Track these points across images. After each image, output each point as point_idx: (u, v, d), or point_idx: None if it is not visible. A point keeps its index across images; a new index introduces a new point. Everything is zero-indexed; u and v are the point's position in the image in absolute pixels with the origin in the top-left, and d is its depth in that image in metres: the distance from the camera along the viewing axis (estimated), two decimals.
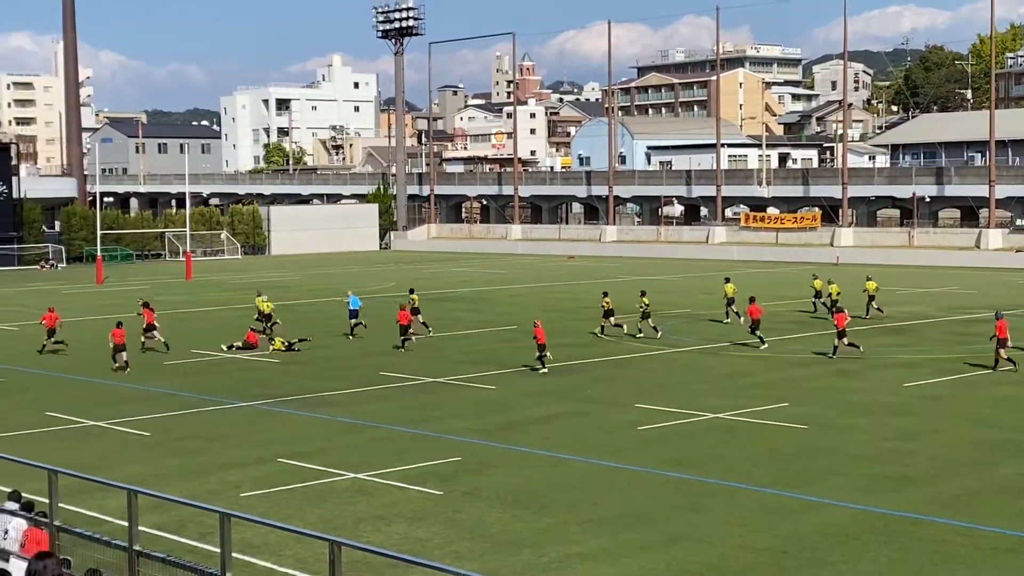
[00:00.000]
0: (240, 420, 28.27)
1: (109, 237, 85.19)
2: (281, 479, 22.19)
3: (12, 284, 69.19)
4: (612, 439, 25.50)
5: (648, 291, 43.88)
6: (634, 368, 35.54)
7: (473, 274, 74.21)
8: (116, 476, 19.78)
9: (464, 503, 20.43)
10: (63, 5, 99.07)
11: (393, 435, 26.19)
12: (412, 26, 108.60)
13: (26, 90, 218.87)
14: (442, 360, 37.02)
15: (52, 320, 39.96)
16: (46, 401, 30.70)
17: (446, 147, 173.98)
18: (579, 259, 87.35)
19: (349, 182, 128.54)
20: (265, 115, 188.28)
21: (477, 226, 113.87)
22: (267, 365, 36.93)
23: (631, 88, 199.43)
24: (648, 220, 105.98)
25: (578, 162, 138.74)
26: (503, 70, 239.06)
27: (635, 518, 19.47)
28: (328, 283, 65.87)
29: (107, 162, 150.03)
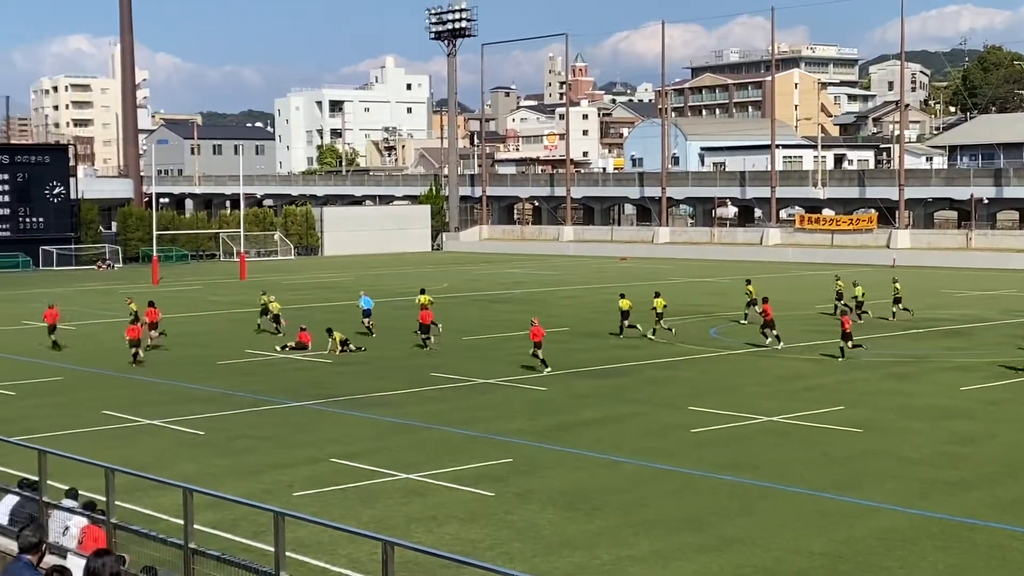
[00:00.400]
0: (293, 420, 28.40)
1: (164, 238, 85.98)
2: (333, 479, 22.26)
3: (70, 284, 69.98)
4: (664, 441, 25.37)
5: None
6: (686, 370, 35.36)
7: (525, 275, 74.19)
8: (170, 474, 19.91)
9: (516, 504, 20.39)
10: (120, 8, 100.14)
11: (445, 436, 26.20)
12: (465, 27, 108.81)
13: (84, 92, 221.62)
14: (493, 361, 37.01)
15: (53, 317, 41.49)
16: (102, 400, 31.00)
17: (498, 148, 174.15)
18: (631, 261, 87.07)
19: (401, 183, 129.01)
20: (318, 117, 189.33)
21: (529, 227, 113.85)
22: (319, 365, 37.09)
23: (685, 89, 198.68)
24: (701, 222, 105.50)
25: (630, 163, 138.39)
26: (556, 71, 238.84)
27: (688, 521, 19.35)
28: (380, 284, 66.07)
29: (163, 163, 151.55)
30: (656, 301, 42.57)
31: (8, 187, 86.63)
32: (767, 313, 39.61)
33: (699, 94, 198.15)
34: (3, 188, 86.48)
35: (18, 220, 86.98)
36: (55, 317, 41.67)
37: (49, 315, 41.71)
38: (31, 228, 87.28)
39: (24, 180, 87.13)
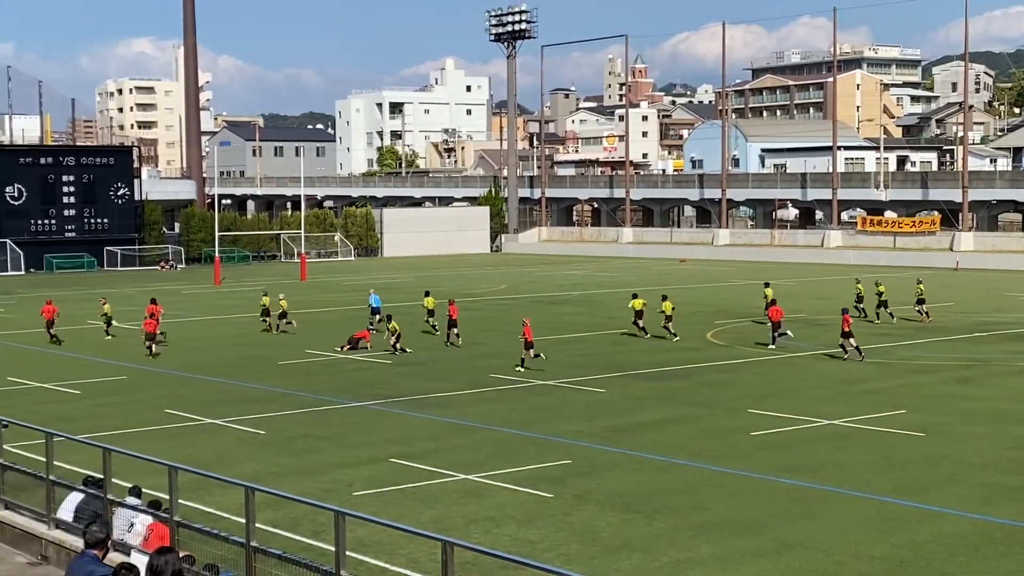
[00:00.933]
0: (353, 420, 28.58)
1: (227, 238, 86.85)
2: (393, 479, 22.37)
3: (133, 284, 70.83)
4: (724, 444, 25.25)
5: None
6: (746, 373, 35.16)
7: (584, 277, 74.12)
8: (232, 473, 20.11)
9: (574, 506, 20.39)
10: (184, 11, 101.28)
11: (503, 437, 26.24)
12: (524, 29, 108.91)
13: (148, 94, 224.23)
14: (552, 363, 36.98)
15: (51, 312, 43.28)
16: (165, 399, 31.36)
17: (557, 150, 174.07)
18: (691, 263, 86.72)
19: (461, 185, 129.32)
20: (378, 118, 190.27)
21: (588, 229, 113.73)
22: (379, 366, 37.29)
23: (745, 90, 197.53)
24: (762, 224, 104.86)
25: (690, 165, 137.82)
26: (615, 73, 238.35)
27: (747, 524, 19.25)
28: (440, 285, 66.27)
29: (225, 165, 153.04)
30: (664, 304, 42.72)
31: (74, 188, 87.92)
32: (775, 315, 40.42)
33: (760, 95, 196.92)
34: (69, 189, 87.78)
35: (83, 221, 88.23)
36: (53, 312, 43.47)
37: (47, 311, 43.59)
38: (96, 229, 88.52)
39: (89, 181, 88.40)
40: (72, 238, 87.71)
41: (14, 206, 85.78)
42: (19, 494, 17.72)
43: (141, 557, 12.58)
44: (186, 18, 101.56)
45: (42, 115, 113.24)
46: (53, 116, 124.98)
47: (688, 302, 54.81)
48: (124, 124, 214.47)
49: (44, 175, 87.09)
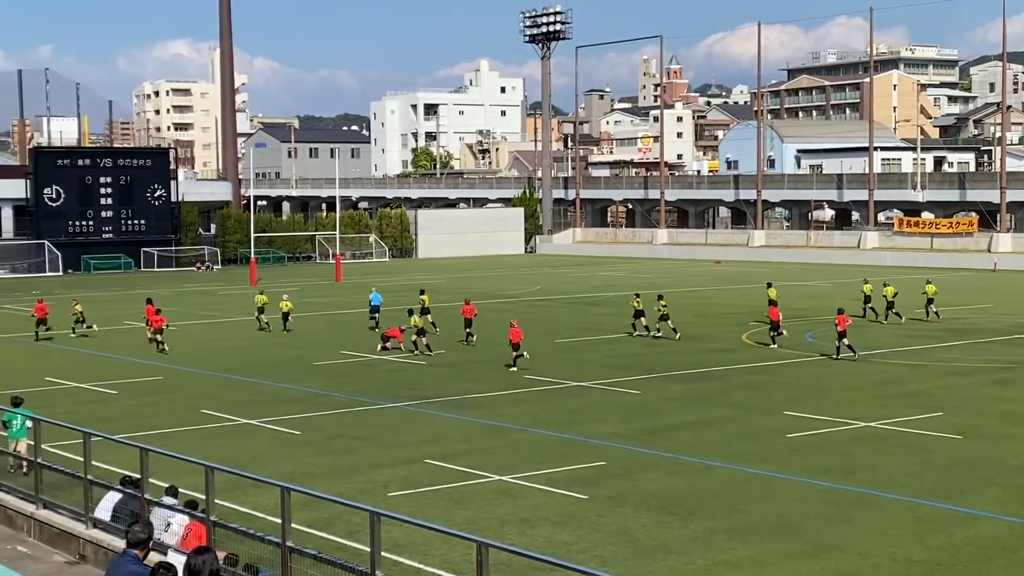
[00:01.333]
0: (387, 420, 28.64)
1: (262, 240, 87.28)
2: (427, 480, 22.40)
3: (170, 285, 71.28)
4: (759, 446, 25.14)
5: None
6: (782, 375, 35.00)
7: (618, 278, 74.01)
8: (267, 473, 20.18)
9: (609, 508, 20.36)
10: (220, 13, 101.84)
11: (537, 438, 26.23)
12: (559, 30, 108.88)
13: (184, 96, 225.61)
14: (587, 364, 36.98)
15: (43, 311, 45.15)
16: (201, 399, 31.54)
17: (592, 151, 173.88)
18: (726, 264, 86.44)
19: (495, 186, 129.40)
20: (413, 120, 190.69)
21: (622, 230, 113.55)
22: (414, 367, 37.35)
23: (781, 91, 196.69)
24: (797, 225, 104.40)
25: (725, 166, 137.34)
26: (650, 73, 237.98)
27: (783, 527, 19.16)
28: (474, 286, 66.36)
29: (260, 166, 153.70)
30: (659, 303, 43.60)
31: (111, 190, 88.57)
32: (773, 315, 41.10)
33: (795, 96, 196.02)
34: (107, 191, 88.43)
35: (121, 222, 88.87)
36: (44, 311, 45.30)
37: (38, 309, 45.43)
38: (133, 230, 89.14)
39: (126, 183, 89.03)
40: (109, 239, 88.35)
41: (52, 207, 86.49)
42: (57, 493, 17.87)
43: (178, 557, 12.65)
44: (222, 20, 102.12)
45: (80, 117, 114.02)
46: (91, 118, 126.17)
47: (723, 303, 54.67)
48: (161, 126, 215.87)
49: (82, 177, 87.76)
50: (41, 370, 36.95)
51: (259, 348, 42.17)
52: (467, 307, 42.78)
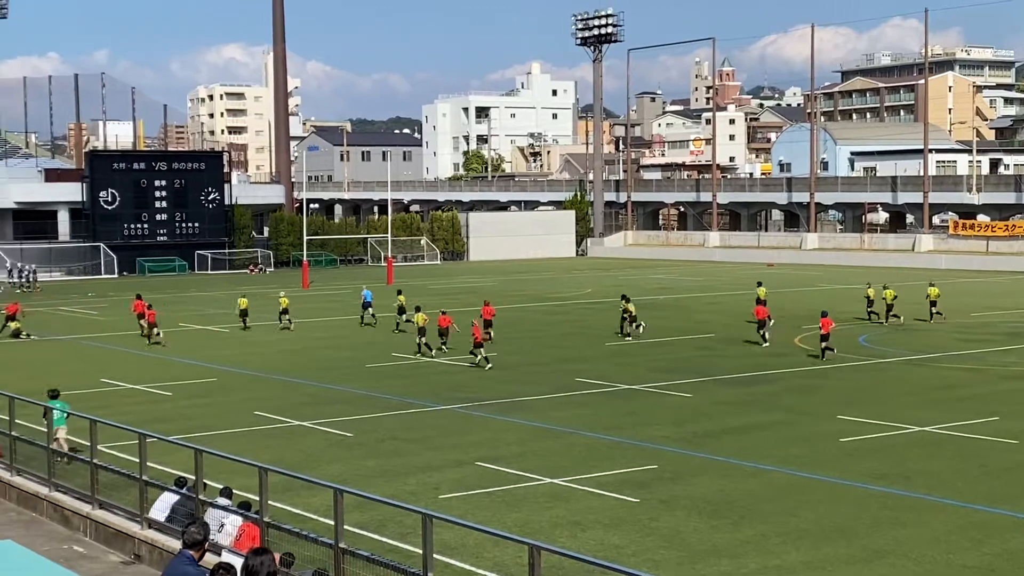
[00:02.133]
0: (439, 423, 28.70)
1: (314, 242, 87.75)
2: (479, 482, 22.42)
3: (223, 287, 71.82)
4: (813, 450, 24.95)
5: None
6: (835, 379, 34.72)
7: (670, 281, 73.74)
8: (319, 475, 20.29)
9: (660, 511, 20.28)
10: (274, 18, 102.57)
11: (589, 441, 26.18)
12: (611, 33, 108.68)
13: (238, 100, 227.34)
14: (638, 367, 36.88)
15: (13, 309, 47.19)
16: (254, 401, 31.74)
17: (643, 154, 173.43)
18: (779, 267, 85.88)
19: (546, 189, 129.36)
20: (465, 123, 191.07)
21: (674, 233, 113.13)
22: (465, 369, 37.40)
23: (834, 93, 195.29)
24: (851, 227, 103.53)
25: (778, 168, 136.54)
26: (702, 76, 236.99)
27: (837, 531, 19.00)
28: (525, 289, 66.37)
29: (313, 170, 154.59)
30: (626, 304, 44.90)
31: (166, 193, 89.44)
32: (760, 314, 42.31)
33: (849, 98, 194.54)
34: (161, 194, 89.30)
35: (175, 225, 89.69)
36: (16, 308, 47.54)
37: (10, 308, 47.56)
38: (187, 233, 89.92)
39: (181, 186, 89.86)
40: (164, 242, 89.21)
41: (108, 210, 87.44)
42: (112, 493, 18.06)
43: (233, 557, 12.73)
44: (275, 24, 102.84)
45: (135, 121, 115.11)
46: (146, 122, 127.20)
47: (775, 307, 54.25)
48: (215, 129, 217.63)
49: (137, 180, 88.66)
50: (96, 371, 37.35)
51: (311, 350, 42.39)
52: (487, 308, 43.04)
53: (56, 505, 18.86)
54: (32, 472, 20.12)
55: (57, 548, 17.30)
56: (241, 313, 48.97)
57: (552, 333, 46.03)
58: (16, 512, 19.73)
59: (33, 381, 34.22)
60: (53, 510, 18.93)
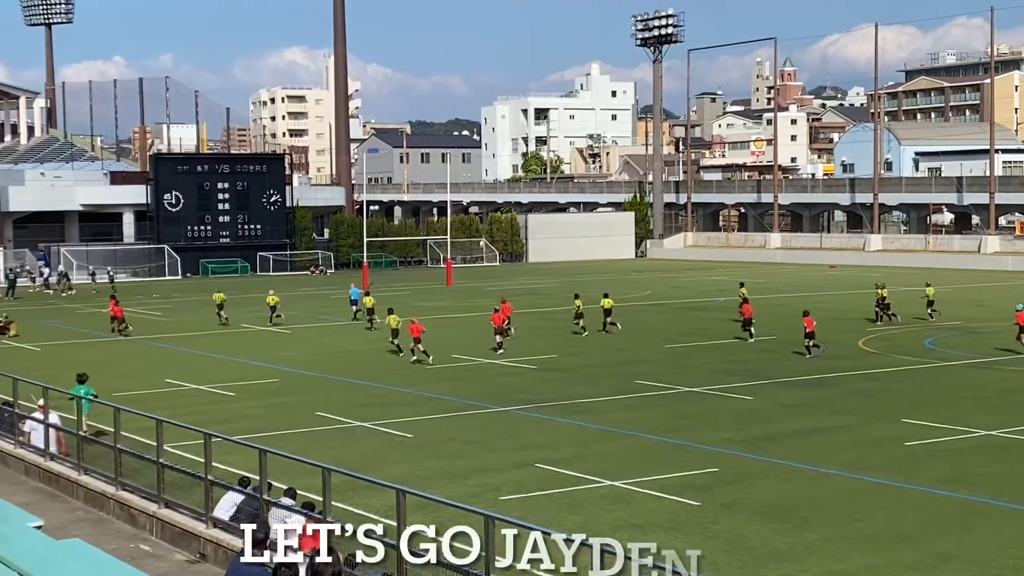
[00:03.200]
0: (499, 424, 28.73)
1: (374, 244, 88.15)
2: (539, 484, 22.42)
3: (285, 289, 72.30)
4: (876, 454, 24.70)
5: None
6: (899, 382, 34.36)
7: (730, 283, 73.25)
8: (379, 476, 20.34)
9: (722, 515, 20.17)
10: (335, 21, 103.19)
11: (649, 444, 26.11)
12: (671, 33, 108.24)
13: (299, 103, 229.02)
14: (698, 369, 36.70)
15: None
16: (316, 402, 31.94)
17: (704, 155, 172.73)
18: (841, 268, 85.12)
19: (605, 190, 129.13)
20: (524, 124, 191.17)
21: (735, 234, 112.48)
22: (525, 371, 37.42)
23: (898, 92, 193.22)
24: (915, 229, 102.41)
25: (841, 169, 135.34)
26: (763, 76, 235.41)
27: (901, 536, 18.81)
28: (584, 291, 66.14)
29: (373, 172, 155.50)
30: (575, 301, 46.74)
31: (228, 195, 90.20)
32: (746, 312, 43.90)
33: (913, 98, 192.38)
34: (224, 196, 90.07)
35: (237, 227, 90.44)
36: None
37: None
38: (249, 235, 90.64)
39: (243, 189, 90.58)
40: (226, 244, 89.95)
41: (172, 212, 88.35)
42: (177, 493, 18.25)
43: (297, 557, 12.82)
44: (336, 28, 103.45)
45: (198, 124, 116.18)
46: (209, 125, 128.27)
47: (838, 309, 53.82)
48: (276, 132, 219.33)
49: (200, 183, 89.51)
50: (161, 372, 37.77)
51: (372, 351, 42.60)
52: (505, 306, 43.45)
53: (123, 504, 19.10)
54: (99, 471, 20.39)
55: (124, 547, 17.51)
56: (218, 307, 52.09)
57: (612, 335, 45.89)
58: (84, 511, 20.00)
59: (100, 381, 34.66)
60: (120, 509, 19.17)
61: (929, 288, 49.60)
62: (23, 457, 22.77)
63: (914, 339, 42.70)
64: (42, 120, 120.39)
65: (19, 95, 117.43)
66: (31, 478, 22.17)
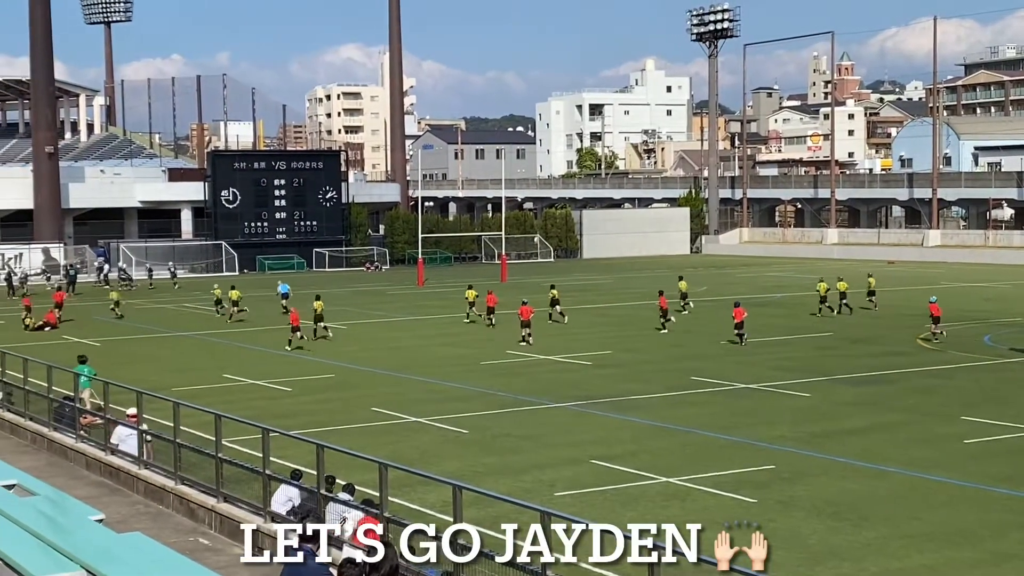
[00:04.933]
0: (553, 420, 28.74)
1: (429, 240, 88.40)
2: (594, 480, 22.40)
3: (341, 285, 72.74)
4: (935, 452, 24.46)
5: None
6: (959, 379, 33.98)
7: (786, 279, 72.83)
8: (435, 471, 20.44)
9: (779, 512, 20.05)
10: (390, 18, 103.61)
11: (705, 440, 26.01)
12: (727, 28, 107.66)
13: (354, 100, 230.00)
14: (755, 366, 36.50)
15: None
16: (372, 397, 32.10)
17: (759, 150, 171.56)
18: (899, 264, 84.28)
19: (660, 186, 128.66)
20: (578, 120, 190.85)
21: (791, 230, 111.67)
22: (579, 368, 37.38)
23: (958, 86, 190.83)
24: (975, 224, 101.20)
25: (899, 164, 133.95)
26: (820, 70, 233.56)
27: (961, 535, 18.61)
28: (639, 287, 66.06)
29: (428, 168, 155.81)
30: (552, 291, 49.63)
31: (285, 192, 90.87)
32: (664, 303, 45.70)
33: (973, 92, 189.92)
34: (280, 193, 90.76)
35: (294, 223, 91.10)
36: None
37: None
38: (305, 231, 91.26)
39: (300, 185, 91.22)
40: (283, 240, 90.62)
41: (229, 209, 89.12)
42: (235, 487, 18.42)
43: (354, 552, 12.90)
44: (392, 25, 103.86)
45: (255, 121, 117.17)
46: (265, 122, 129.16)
47: (896, 305, 53.35)
48: (332, 129, 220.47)
49: (257, 179, 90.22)
50: (218, 367, 38.12)
51: (427, 347, 42.75)
52: (525, 308, 43.05)
53: (182, 498, 19.30)
54: (159, 465, 20.62)
55: (183, 540, 17.70)
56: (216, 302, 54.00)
57: (667, 331, 45.72)
58: (144, 505, 20.24)
59: (161, 376, 35.14)
60: (179, 503, 19.38)
61: (871, 278, 53.53)
62: (84, 451, 23.08)
63: (973, 336, 42.20)
64: (102, 118, 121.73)
65: (79, 93, 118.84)
66: (92, 472, 22.47)
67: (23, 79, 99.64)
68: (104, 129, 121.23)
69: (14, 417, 26.74)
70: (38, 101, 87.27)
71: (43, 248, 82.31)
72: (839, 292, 50.08)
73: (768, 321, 48.49)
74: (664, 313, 46.15)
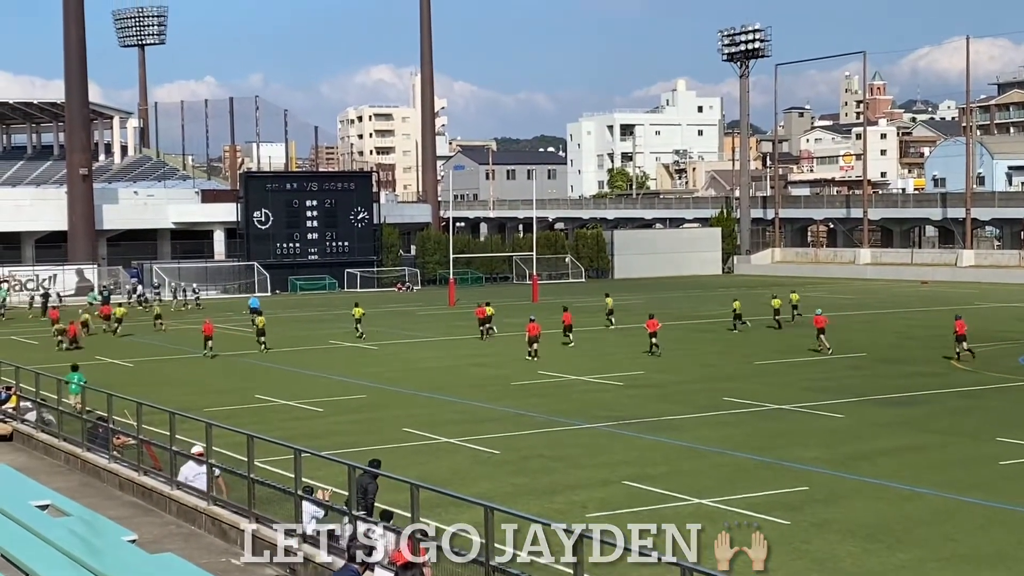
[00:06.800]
0: (585, 441, 28.66)
1: (460, 260, 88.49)
2: (626, 501, 22.30)
3: (373, 305, 72.85)
4: (970, 473, 24.25)
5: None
6: (993, 399, 33.72)
7: (819, 299, 72.41)
8: (466, 492, 20.37)
9: (813, 534, 19.92)
10: (421, 40, 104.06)
11: (737, 461, 25.87)
12: (758, 48, 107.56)
13: (386, 121, 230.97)
14: (788, 387, 36.32)
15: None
16: (403, 418, 32.10)
17: (791, 169, 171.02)
18: (933, 284, 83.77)
19: (692, 206, 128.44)
20: (609, 140, 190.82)
21: (823, 250, 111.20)
22: (610, 388, 37.31)
23: (991, 106, 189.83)
24: (1009, 244, 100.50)
25: (932, 183, 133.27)
26: (852, 90, 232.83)
27: (997, 557, 18.43)
28: (671, 307, 65.90)
29: (459, 188, 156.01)
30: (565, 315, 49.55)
31: (317, 212, 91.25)
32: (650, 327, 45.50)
33: (1006, 111, 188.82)
34: (312, 213, 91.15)
35: (325, 244, 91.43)
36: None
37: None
38: (337, 252, 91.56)
39: (331, 206, 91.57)
40: (314, 261, 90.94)
41: (261, 230, 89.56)
42: (267, 507, 18.42)
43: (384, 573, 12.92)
44: (423, 46, 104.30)
45: (287, 142, 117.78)
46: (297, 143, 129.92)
47: (930, 326, 52.99)
48: (364, 150, 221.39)
49: (289, 200, 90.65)
50: (250, 388, 38.24)
51: (459, 368, 42.77)
52: (532, 325, 44.50)
53: (214, 519, 19.31)
54: (190, 485, 20.64)
55: (215, 561, 17.70)
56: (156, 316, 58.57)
57: (700, 351, 45.62)
58: (176, 525, 20.26)
59: (192, 397, 35.25)
60: (211, 523, 19.39)
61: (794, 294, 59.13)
62: (117, 471, 23.15)
63: (1008, 356, 41.86)
64: (135, 139, 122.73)
65: (113, 115, 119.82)
66: (125, 492, 22.53)
67: (58, 102, 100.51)
68: (138, 151, 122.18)
69: (47, 437, 26.88)
70: (72, 123, 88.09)
71: (77, 269, 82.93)
72: (791, 304, 56.32)
73: (796, 342, 48.27)
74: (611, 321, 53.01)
